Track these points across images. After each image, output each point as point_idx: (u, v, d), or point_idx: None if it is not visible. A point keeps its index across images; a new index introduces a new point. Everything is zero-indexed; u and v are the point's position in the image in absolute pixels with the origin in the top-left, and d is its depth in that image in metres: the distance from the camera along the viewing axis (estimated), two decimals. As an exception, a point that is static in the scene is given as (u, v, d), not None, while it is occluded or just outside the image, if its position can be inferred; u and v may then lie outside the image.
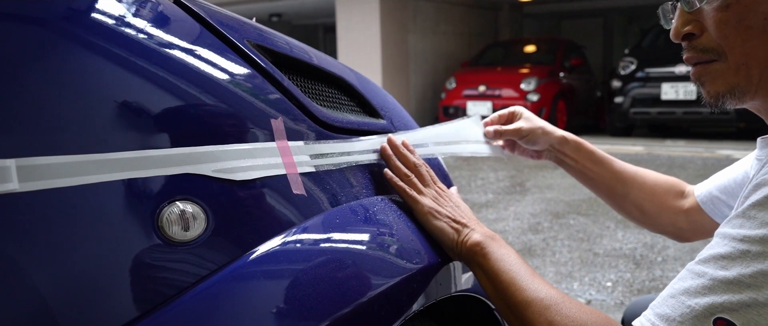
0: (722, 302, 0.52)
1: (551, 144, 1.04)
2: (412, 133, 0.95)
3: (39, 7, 0.55)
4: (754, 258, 0.52)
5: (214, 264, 0.58)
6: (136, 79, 0.57)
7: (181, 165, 0.57)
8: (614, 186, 1.04)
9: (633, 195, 1.04)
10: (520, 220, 3.94)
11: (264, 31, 0.82)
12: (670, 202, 1.02)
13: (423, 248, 0.80)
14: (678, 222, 1.02)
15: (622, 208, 1.07)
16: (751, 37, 0.63)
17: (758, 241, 0.52)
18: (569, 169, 1.07)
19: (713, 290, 0.53)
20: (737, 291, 0.52)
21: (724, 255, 0.54)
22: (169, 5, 0.70)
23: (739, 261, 0.53)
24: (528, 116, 1.05)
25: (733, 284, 0.52)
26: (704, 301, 0.53)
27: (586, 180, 1.07)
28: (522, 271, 0.72)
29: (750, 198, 0.55)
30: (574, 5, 12.96)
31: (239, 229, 0.61)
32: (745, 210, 0.55)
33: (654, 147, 7.08)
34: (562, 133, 1.05)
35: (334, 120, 0.81)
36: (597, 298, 2.62)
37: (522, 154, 1.08)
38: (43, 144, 0.50)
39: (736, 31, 0.64)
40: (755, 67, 0.64)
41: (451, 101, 9.13)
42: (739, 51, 0.65)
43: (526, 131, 1.03)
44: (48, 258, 0.49)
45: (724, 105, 0.69)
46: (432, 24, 10.55)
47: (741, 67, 0.65)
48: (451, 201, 0.85)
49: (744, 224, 0.54)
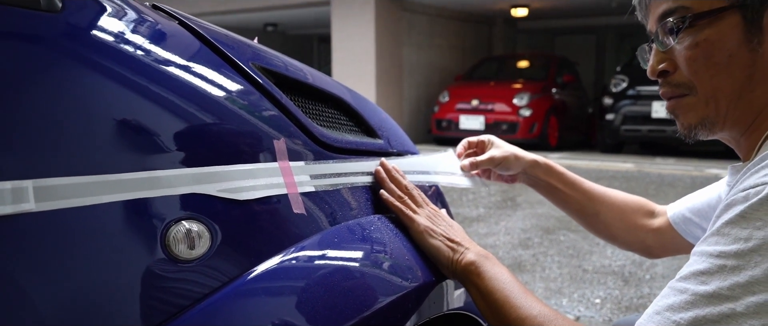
0: (705, 315, 0.56)
1: (523, 168, 1.08)
2: (397, 160, 0.98)
3: (49, 28, 0.57)
4: (730, 271, 0.56)
5: (217, 281, 0.60)
6: (146, 102, 0.60)
7: (187, 185, 0.59)
8: (585, 206, 1.09)
9: (603, 214, 1.08)
10: (511, 235, 3.97)
11: (266, 53, 0.85)
12: (638, 221, 1.07)
13: (417, 266, 0.82)
14: (646, 240, 1.07)
15: (593, 227, 1.11)
16: (718, 73, 0.69)
17: (733, 256, 0.56)
18: (542, 191, 1.12)
19: (696, 304, 0.57)
20: (718, 304, 0.56)
21: (703, 271, 0.58)
22: (175, 28, 0.72)
23: (717, 276, 0.57)
24: (498, 144, 1.10)
25: (714, 297, 0.56)
26: (688, 316, 0.57)
27: (559, 201, 1.11)
28: (515, 290, 0.75)
29: (722, 218, 0.60)
30: (567, 22, 13.10)
31: (242, 247, 0.63)
32: (719, 229, 0.59)
33: (644, 164, 7.14)
34: (533, 157, 1.09)
35: (334, 140, 0.83)
36: (586, 315, 2.64)
37: (497, 179, 1.13)
38: (56, 165, 0.52)
39: (704, 67, 0.70)
40: (723, 99, 0.70)
41: (444, 114, 9.18)
42: (708, 85, 0.70)
43: (499, 159, 1.07)
44: (59, 274, 0.51)
45: (696, 136, 0.74)
46: (426, 37, 10.63)
47: (710, 100, 0.71)
48: (444, 221, 0.88)
49: (719, 241, 0.58)
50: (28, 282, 0.49)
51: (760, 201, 0.57)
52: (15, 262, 0.49)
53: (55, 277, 0.50)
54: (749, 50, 0.67)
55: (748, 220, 0.57)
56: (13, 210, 0.48)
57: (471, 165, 1.08)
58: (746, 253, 0.56)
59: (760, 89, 0.68)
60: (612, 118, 8.10)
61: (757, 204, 0.57)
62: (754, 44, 0.67)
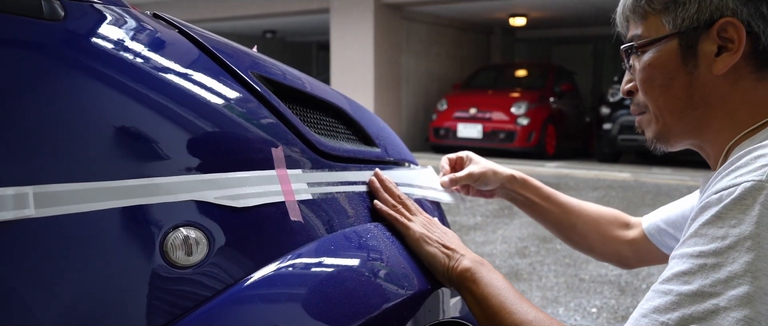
0: (691, 313, 0.59)
1: (501, 183, 1.11)
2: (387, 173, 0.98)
3: (51, 36, 0.58)
4: (710, 269, 0.60)
5: (214, 288, 0.61)
6: (146, 110, 0.60)
7: (186, 192, 0.60)
8: (561, 219, 1.12)
9: (579, 227, 1.12)
10: (508, 244, 3.97)
11: (265, 61, 0.85)
12: (613, 232, 1.11)
13: (413, 275, 0.83)
14: (622, 251, 1.11)
15: (570, 239, 1.15)
16: (662, 93, 0.77)
17: (712, 254, 0.60)
18: (520, 205, 1.15)
19: (681, 304, 0.60)
20: (701, 301, 0.59)
21: (684, 272, 0.62)
22: (175, 36, 0.73)
23: (698, 275, 0.60)
24: (476, 160, 1.13)
25: (697, 295, 0.60)
26: (675, 316, 0.60)
27: (536, 215, 1.14)
28: (510, 296, 0.77)
29: (698, 220, 0.64)
30: (565, 32, 13.15)
31: (239, 254, 0.64)
32: (696, 230, 0.63)
33: (641, 174, 7.16)
34: (511, 172, 1.12)
35: (331, 148, 0.84)
36: (582, 324, 2.64)
37: (476, 195, 1.15)
38: (57, 172, 0.52)
39: (650, 88, 0.78)
40: (667, 116, 0.78)
41: (442, 123, 9.19)
42: (654, 104, 0.79)
43: (477, 175, 1.09)
44: (58, 280, 0.51)
45: (657, 148, 0.83)
46: (425, 45, 10.66)
47: (659, 117, 0.79)
48: (439, 229, 0.89)
49: (697, 242, 0.62)
50: (27, 287, 0.50)
51: (733, 201, 0.61)
52: (14, 268, 0.50)
53: (54, 282, 0.51)
54: (686, 73, 0.75)
55: (724, 219, 0.61)
56: (14, 216, 0.49)
57: (450, 181, 1.10)
58: (724, 250, 0.60)
59: (701, 109, 0.76)
60: (609, 128, 8.12)
61: (730, 204, 0.61)
62: (690, 68, 0.75)
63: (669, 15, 0.75)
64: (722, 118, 0.74)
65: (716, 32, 0.72)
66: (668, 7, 0.75)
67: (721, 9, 0.71)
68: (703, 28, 0.72)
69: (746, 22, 0.70)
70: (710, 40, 0.72)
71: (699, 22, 0.72)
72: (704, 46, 0.73)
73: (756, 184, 0.60)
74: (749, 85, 0.72)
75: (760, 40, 0.70)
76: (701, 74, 0.74)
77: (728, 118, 0.74)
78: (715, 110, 0.75)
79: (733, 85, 0.73)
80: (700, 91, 0.74)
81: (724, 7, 0.71)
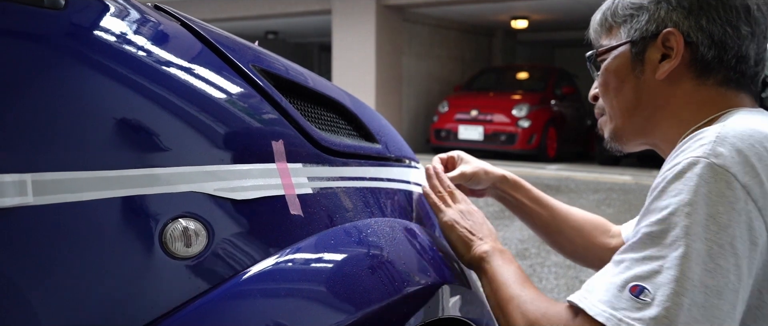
0: (636, 273, 0.67)
1: (492, 183, 1.13)
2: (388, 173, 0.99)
3: (52, 26, 0.58)
4: (656, 237, 0.67)
5: (213, 280, 0.61)
6: (146, 101, 0.60)
7: (186, 183, 0.59)
8: (549, 222, 1.14)
9: (566, 232, 1.14)
10: (508, 246, 3.97)
11: (267, 55, 0.85)
12: (597, 239, 1.13)
13: (413, 271, 0.82)
14: (604, 258, 1.12)
15: (556, 243, 1.16)
16: (616, 95, 0.87)
17: (657, 223, 0.68)
18: (509, 206, 1.16)
19: (630, 268, 0.68)
20: (647, 263, 0.66)
21: (636, 242, 0.69)
22: (176, 28, 0.73)
23: (648, 243, 0.68)
24: (468, 159, 1.14)
25: (645, 259, 0.67)
26: (623, 277, 0.67)
27: (525, 216, 1.16)
28: (514, 276, 0.84)
29: (648, 200, 0.72)
30: (567, 34, 13.14)
31: (238, 247, 0.64)
32: (647, 208, 0.71)
33: (642, 177, 7.15)
34: (502, 172, 1.13)
35: (332, 143, 0.84)
36: None
37: (467, 194, 1.15)
38: (56, 160, 0.52)
39: (606, 91, 0.89)
40: (619, 116, 0.88)
41: (443, 124, 9.19)
42: (609, 105, 0.89)
43: (469, 174, 1.11)
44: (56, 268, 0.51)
45: (614, 148, 0.92)
46: (426, 47, 10.66)
47: (612, 117, 0.89)
48: (472, 218, 0.97)
49: (647, 216, 0.70)
50: (24, 276, 0.50)
51: (675, 176, 0.68)
52: (12, 256, 0.49)
53: (52, 271, 0.51)
54: (635, 77, 0.84)
55: (667, 192, 0.69)
56: (12, 204, 0.48)
57: None
58: (667, 218, 0.67)
59: (649, 109, 0.84)
60: (610, 131, 8.11)
61: (672, 178, 0.69)
62: (637, 72, 0.84)
63: (626, 26, 0.85)
64: (669, 118, 0.83)
65: (661, 41, 0.81)
66: (626, 20, 0.85)
67: (666, 21, 0.81)
68: (650, 38, 0.82)
69: (686, 34, 0.79)
70: (656, 48, 0.82)
71: (647, 32, 0.82)
72: (650, 54, 0.82)
73: (694, 159, 0.68)
74: (690, 87, 0.81)
75: (698, 49, 0.79)
76: (647, 78, 0.83)
77: (674, 117, 0.83)
78: (662, 111, 0.83)
79: (676, 88, 0.82)
80: (647, 93, 0.84)
81: (668, 19, 0.81)
